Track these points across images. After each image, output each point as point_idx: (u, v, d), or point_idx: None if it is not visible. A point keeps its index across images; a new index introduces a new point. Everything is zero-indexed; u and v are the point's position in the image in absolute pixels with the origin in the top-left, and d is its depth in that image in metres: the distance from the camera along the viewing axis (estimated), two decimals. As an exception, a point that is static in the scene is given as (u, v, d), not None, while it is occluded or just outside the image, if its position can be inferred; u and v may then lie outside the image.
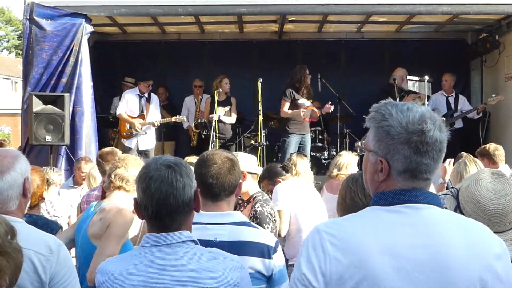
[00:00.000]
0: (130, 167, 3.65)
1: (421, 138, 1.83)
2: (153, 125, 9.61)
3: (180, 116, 9.82)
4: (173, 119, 9.68)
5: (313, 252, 1.82)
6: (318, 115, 9.49)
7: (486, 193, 2.72)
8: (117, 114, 9.77)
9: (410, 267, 1.77)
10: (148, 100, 9.78)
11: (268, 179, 5.73)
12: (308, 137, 9.44)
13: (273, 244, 2.86)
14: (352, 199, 2.89)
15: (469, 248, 1.82)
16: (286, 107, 9.32)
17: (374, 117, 1.90)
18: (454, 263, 1.79)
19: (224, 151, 3.04)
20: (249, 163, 4.37)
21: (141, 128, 9.58)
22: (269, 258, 2.82)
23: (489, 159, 6.48)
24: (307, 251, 1.83)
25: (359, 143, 8.45)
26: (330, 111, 9.48)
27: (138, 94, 9.74)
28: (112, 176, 3.64)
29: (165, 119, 9.78)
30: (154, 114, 9.76)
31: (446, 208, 2.77)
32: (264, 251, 2.81)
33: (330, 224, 1.91)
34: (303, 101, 9.30)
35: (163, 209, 2.23)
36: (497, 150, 6.55)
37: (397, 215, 1.84)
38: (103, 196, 3.95)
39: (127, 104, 9.67)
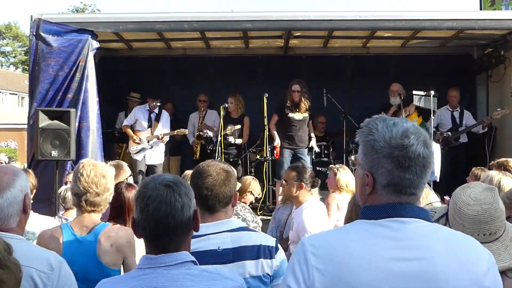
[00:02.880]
0: (100, 189, 3.52)
1: (403, 152, 1.83)
2: (158, 138, 9.66)
3: (183, 130, 9.87)
4: (176, 132, 9.76)
5: (298, 264, 1.84)
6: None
7: (466, 198, 2.74)
8: (122, 125, 9.96)
9: (393, 280, 1.76)
10: (158, 116, 9.93)
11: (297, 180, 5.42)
12: (303, 151, 9.48)
13: (273, 244, 2.93)
14: (358, 216, 2.88)
15: (456, 261, 1.81)
16: (274, 120, 9.58)
17: (362, 132, 1.93)
18: (441, 277, 1.78)
19: (220, 162, 3.04)
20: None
21: (148, 142, 9.66)
22: (272, 257, 2.88)
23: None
24: (293, 263, 1.86)
25: (352, 157, 8.53)
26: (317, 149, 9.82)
27: (148, 110, 9.88)
28: (83, 202, 3.48)
29: (169, 132, 9.85)
30: (163, 130, 9.87)
31: (434, 215, 2.79)
32: (266, 252, 2.87)
33: (315, 237, 1.94)
34: (292, 115, 9.40)
35: (161, 229, 2.19)
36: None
37: (382, 228, 1.84)
38: (112, 216, 3.89)
39: (136, 119, 9.82)
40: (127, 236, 3.40)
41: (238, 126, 9.88)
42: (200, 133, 10.15)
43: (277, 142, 9.46)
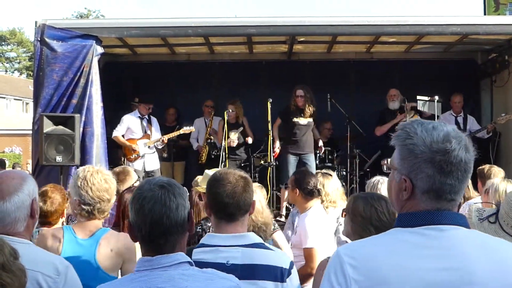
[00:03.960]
0: (111, 195, 3.53)
1: (445, 157, 1.81)
2: (162, 141, 9.67)
3: (189, 127, 9.85)
4: (181, 131, 9.76)
5: (334, 276, 1.80)
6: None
7: None
8: (113, 136, 9.66)
9: None
10: (149, 121, 9.85)
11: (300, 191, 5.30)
12: (309, 156, 9.45)
13: (287, 266, 2.82)
14: (379, 219, 2.88)
15: (494, 270, 1.78)
16: (277, 124, 9.62)
17: (399, 135, 1.89)
18: (479, 286, 1.75)
19: (237, 169, 3.01)
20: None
21: (149, 147, 9.64)
22: (282, 281, 2.77)
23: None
24: (329, 276, 1.82)
25: (386, 161, 8.46)
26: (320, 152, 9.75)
27: (139, 116, 9.81)
28: (96, 211, 3.48)
29: (173, 133, 9.84)
30: (156, 134, 9.82)
31: (484, 213, 2.77)
32: (278, 275, 2.76)
33: (350, 247, 1.90)
34: (297, 119, 9.40)
35: (156, 229, 2.20)
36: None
37: (420, 237, 1.81)
38: (117, 222, 3.91)
39: (127, 127, 9.72)
40: (127, 241, 3.40)
41: (241, 129, 9.93)
42: (210, 136, 10.19)
43: (277, 145, 9.49)
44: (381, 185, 5.23)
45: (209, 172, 4.29)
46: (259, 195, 3.99)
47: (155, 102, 10.10)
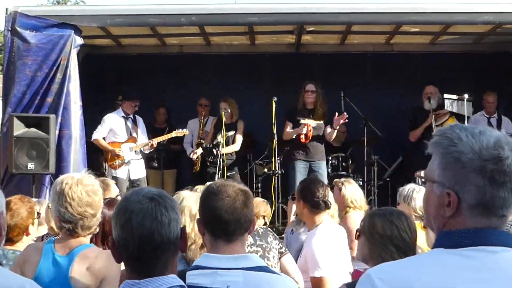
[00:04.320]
0: (96, 208, 3.50)
1: (497, 166, 1.77)
2: (151, 145, 9.58)
3: (182, 130, 9.79)
4: (173, 134, 9.68)
5: None
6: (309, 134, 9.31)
7: None
8: (92, 139, 9.56)
9: None
10: (134, 122, 9.77)
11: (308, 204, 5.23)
12: (321, 164, 9.40)
13: None
14: (401, 238, 2.86)
15: None
16: (288, 129, 9.49)
17: (440, 142, 1.85)
18: None
19: (235, 181, 3.00)
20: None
21: (135, 152, 9.56)
22: None
23: None
24: None
25: (420, 173, 8.34)
26: (342, 121, 9.27)
27: (123, 116, 9.71)
28: (79, 229, 3.44)
29: (163, 136, 9.74)
30: (142, 137, 9.73)
31: None
32: None
33: (383, 268, 1.86)
34: (306, 121, 9.34)
35: (146, 246, 2.18)
36: None
37: (465, 260, 1.77)
38: (103, 240, 3.88)
39: (109, 128, 9.59)
40: (110, 260, 3.38)
41: (232, 132, 9.81)
42: (201, 141, 10.08)
43: (305, 126, 9.25)
44: (417, 194, 5.19)
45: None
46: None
47: (142, 100, 10.05)
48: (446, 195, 1.82)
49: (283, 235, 8.67)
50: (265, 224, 6.60)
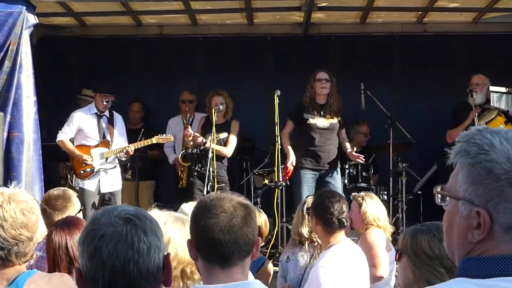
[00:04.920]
0: (32, 230, 3.49)
1: None
2: (126, 152, 9.54)
3: (165, 135, 9.74)
4: (154, 139, 9.60)
5: None
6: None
7: None
8: (57, 140, 9.58)
9: None
10: (111, 120, 9.75)
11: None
12: (334, 173, 9.42)
13: None
14: (440, 252, 2.94)
15: None
16: (288, 129, 9.59)
17: (466, 150, 1.86)
18: None
19: (233, 194, 2.99)
20: None
21: (107, 160, 9.53)
22: None
23: None
24: None
25: (438, 188, 8.34)
26: (360, 161, 9.61)
27: (96, 113, 9.68)
28: (12, 256, 3.41)
29: (142, 142, 9.70)
30: (120, 141, 9.70)
31: None
32: None
33: None
34: (315, 120, 9.35)
35: (119, 282, 2.19)
36: None
37: None
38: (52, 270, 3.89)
39: (78, 128, 9.55)
40: (65, 283, 3.38)
41: (225, 134, 9.78)
42: (187, 151, 9.99)
43: (292, 159, 9.42)
44: None
45: (187, 208, 4.29)
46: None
47: (100, 91, 9.85)
48: (475, 215, 1.82)
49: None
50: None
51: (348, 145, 9.65)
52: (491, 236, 1.82)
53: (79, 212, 5.35)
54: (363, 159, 9.55)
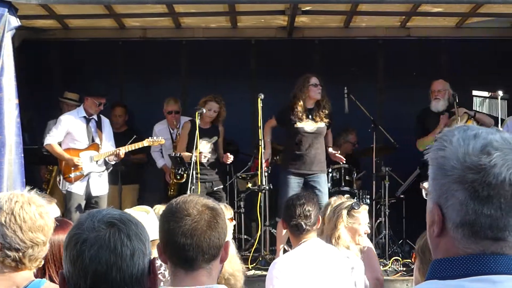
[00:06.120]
0: (47, 234, 3.48)
1: (479, 176, 1.78)
2: (117, 155, 9.51)
3: (156, 138, 9.71)
4: (145, 142, 9.57)
5: None
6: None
7: None
8: (45, 144, 9.56)
9: None
10: (99, 124, 9.73)
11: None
12: (320, 178, 9.41)
13: None
14: None
15: None
16: (270, 124, 9.63)
17: (433, 147, 1.89)
18: None
19: (202, 197, 2.99)
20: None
21: (96, 162, 9.51)
22: None
23: None
24: None
25: (425, 184, 8.41)
26: (341, 162, 9.65)
27: (84, 117, 9.66)
28: (26, 259, 3.38)
29: (133, 144, 9.65)
30: (108, 144, 9.68)
31: None
32: None
33: None
34: (303, 124, 9.35)
35: (102, 287, 2.17)
36: None
37: None
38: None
39: (67, 131, 9.52)
40: None
41: (215, 138, 9.77)
42: (173, 153, 9.88)
43: (269, 153, 9.44)
44: None
45: (130, 213, 4.29)
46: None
47: (91, 94, 9.86)
48: (435, 209, 1.85)
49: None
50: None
51: (331, 149, 9.66)
52: (446, 232, 1.84)
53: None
54: (344, 161, 9.57)
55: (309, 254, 5.28)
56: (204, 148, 9.65)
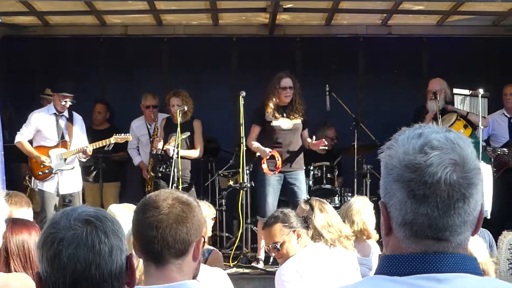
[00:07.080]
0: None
1: (415, 175, 1.79)
2: (84, 152, 9.43)
3: (124, 135, 9.61)
4: (112, 139, 9.47)
5: None
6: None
7: None
8: (15, 142, 9.45)
9: None
10: (70, 121, 9.66)
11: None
12: (298, 175, 9.37)
13: None
14: None
15: None
16: (254, 134, 9.44)
17: (384, 145, 1.92)
18: None
19: (176, 191, 2.96)
20: None
21: (65, 160, 9.41)
22: None
23: None
24: None
25: None
26: (323, 147, 9.49)
27: (54, 113, 9.57)
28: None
29: (100, 142, 9.55)
30: (80, 141, 9.60)
31: None
32: None
33: None
34: (279, 122, 9.30)
35: (81, 285, 2.16)
36: None
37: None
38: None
39: (36, 129, 9.42)
40: (24, 282, 3.36)
41: (187, 134, 9.69)
42: (154, 151, 9.82)
43: (268, 150, 9.28)
44: None
45: (115, 208, 4.27)
46: None
47: (76, 95, 9.88)
48: (381, 208, 1.88)
49: (252, 264, 8.76)
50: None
51: (309, 139, 9.55)
52: (391, 231, 1.87)
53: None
54: (326, 144, 9.46)
55: (317, 255, 5.31)
56: (172, 144, 9.58)
